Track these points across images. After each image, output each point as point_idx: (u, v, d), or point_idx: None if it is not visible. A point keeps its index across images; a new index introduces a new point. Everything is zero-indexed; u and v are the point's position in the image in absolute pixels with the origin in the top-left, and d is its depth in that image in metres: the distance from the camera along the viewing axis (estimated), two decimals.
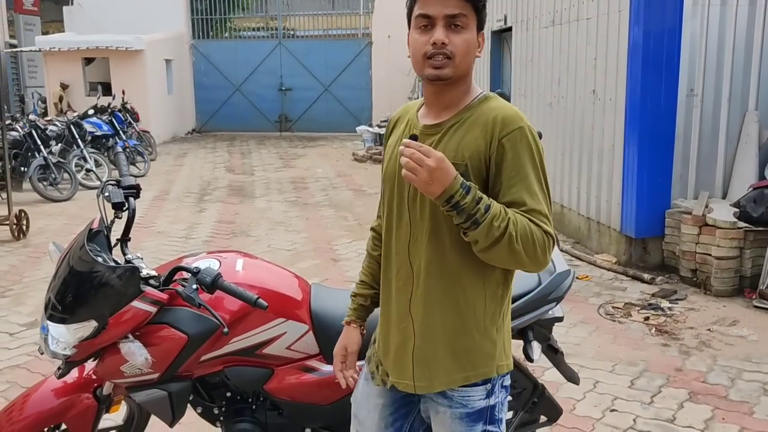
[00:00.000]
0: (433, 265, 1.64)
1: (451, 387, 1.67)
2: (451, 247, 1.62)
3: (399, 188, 1.69)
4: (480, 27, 1.64)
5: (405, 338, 1.71)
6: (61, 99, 15.07)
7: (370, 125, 15.80)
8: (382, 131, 15.20)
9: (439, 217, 1.61)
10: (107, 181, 2.26)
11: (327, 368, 2.29)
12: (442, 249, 1.63)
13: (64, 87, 15.02)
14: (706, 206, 5.36)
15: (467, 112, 1.64)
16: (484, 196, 1.53)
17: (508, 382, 1.75)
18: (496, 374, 1.69)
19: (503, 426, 1.76)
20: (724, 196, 5.72)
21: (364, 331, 1.94)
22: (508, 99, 5.39)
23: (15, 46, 17.83)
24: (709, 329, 4.49)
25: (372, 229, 1.98)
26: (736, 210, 5.07)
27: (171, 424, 2.25)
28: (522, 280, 2.43)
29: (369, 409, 1.85)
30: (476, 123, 1.61)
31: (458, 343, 1.66)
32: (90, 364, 2.25)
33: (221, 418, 2.34)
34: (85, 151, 10.30)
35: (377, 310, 1.89)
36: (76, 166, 10.04)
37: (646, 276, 5.48)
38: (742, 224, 5.02)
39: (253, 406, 2.34)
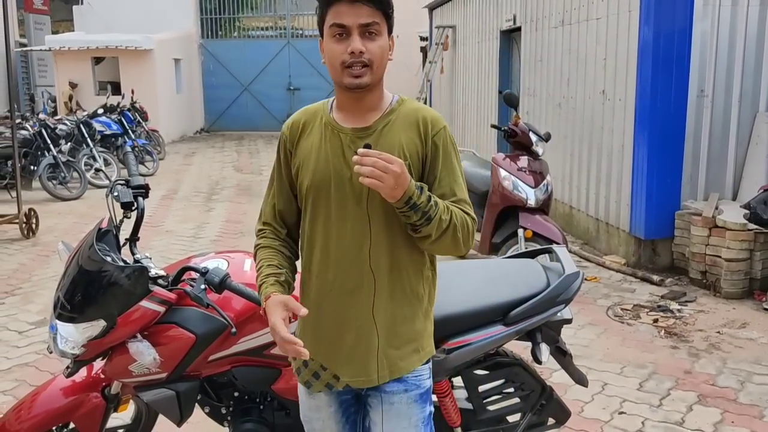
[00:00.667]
0: (386, 263, 1.72)
1: (411, 369, 1.77)
2: (401, 242, 1.72)
3: (340, 193, 1.70)
4: (389, 31, 1.71)
5: (359, 336, 1.74)
6: (70, 98, 15.14)
7: None
8: None
9: (390, 216, 1.69)
10: (116, 180, 2.27)
11: None
12: (393, 245, 1.72)
13: (72, 86, 15.09)
14: (716, 208, 5.32)
15: (392, 114, 1.74)
16: (430, 193, 1.65)
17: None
18: (434, 351, 1.86)
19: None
20: (734, 198, 5.68)
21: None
22: (516, 100, 5.37)
23: (25, 45, 17.93)
24: (718, 332, 4.46)
25: (261, 229, 1.90)
26: (747, 212, 5.03)
27: (179, 424, 2.25)
28: (531, 282, 2.42)
29: (323, 419, 1.87)
30: (405, 123, 1.72)
31: (411, 329, 1.77)
32: (98, 364, 2.26)
33: (229, 418, 2.34)
34: (94, 150, 10.35)
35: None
36: (85, 165, 10.09)
37: (656, 278, 5.45)
38: (752, 226, 4.98)
39: (261, 406, 2.34)
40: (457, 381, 2.47)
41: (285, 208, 1.86)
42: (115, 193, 2.21)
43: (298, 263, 1.88)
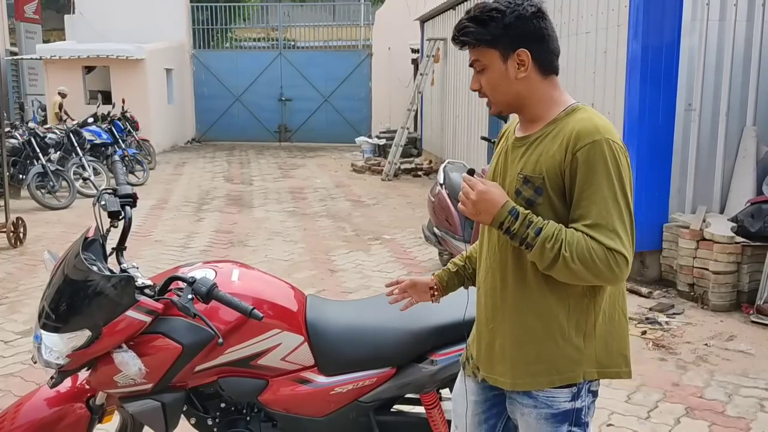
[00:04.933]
0: (517, 275, 1.72)
1: (536, 389, 1.74)
2: (530, 263, 1.69)
3: None
4: (507, 51, 1.67)
5: (493, 338, 1.80)
6: (60, 107, 15.05)
7: (369, 136, 15.84)
8: (381, 142, 15.20)
9: None
10: (103, 189, 2.26)
11: (322, 380, 2.29)
12: (524, 261, 1.69)
13: (63, 96, 14.92)
14: (704, 221, 5.36)
15: (552, 126, 1.70)
16: (537, 219, 1.61)
17: (596, 387, 1.80)
18: (582, 380, 1.74)
19: (590, 430, 1.82)
20: (721, 211, 5.72)
21: (436, 293, 2.05)
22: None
23: (16, 54, 17.87)
24: (706, 344, 4.48)
25: None
26: (734, 225, 5.07)
27: None
28: None
29: (462, 404, 1.94)
30: (558, 136, 1.66)
31: (542, 348, 1.72)
32: (83, 374, 2.24)
33: (215, 430, 2.33)
34: (83, 160, 10.30)
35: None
36: (74, 174, 10.03)
37: (644, 290, 5.47)
38: (739, 239, 5.02)
39: (248, 418, 2.33)
40: (446, 393, 2.46)
41: None
42: (102, 202, 2.20)
43: None
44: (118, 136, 11.93)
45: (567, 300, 1.69)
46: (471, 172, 1.70)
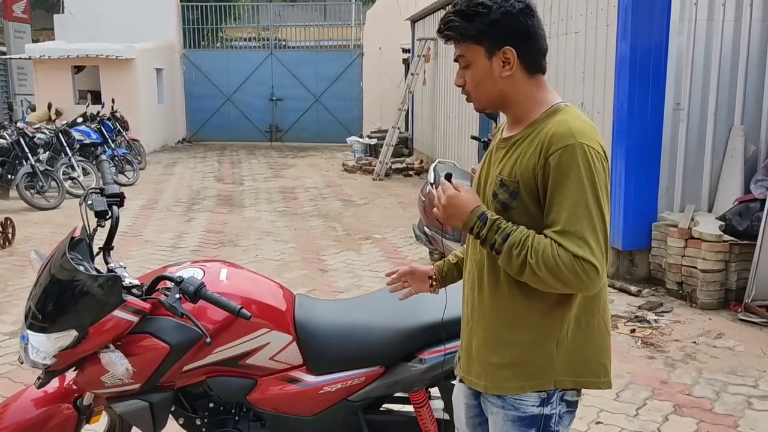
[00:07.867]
0: (491, 277, 1.70)
1: (506, 393, 1.71)
2: None
3: None
4: (493, 49, 1.64)
5: (470, 338, 1.79)
6: (49, 107, 14.89)
7: (361, 136, 15.84)
8: (372, 142, 15.18)
9: None
10: (90, 189, 2.25)
11: (310, 379, 2.29)
12: (498, 266, 1.67)
13: (58, 114, 14.50)
14: (692, 219, 5.39)
15: (532, 128, 1.65)
16: (506, 224, 1.59)
17: (573, 397, 1.73)
18: (553, 387, 1.68)
19: None
20: (709, 210, 5.75)
21: (435, 283, 2.02)
22: (496, 112, 5.43)
23: (4, 54, 17.75)
24: (694, 342, 4.51)
25: None
26: (722, 223, 5.10)
27: None
28: None
29: (459, 407, 1.93)
30: (536, 139, 1.61)
31: (513, 353, 1.69)
32: (71, 374, 2.23)
33: (203, 430, 2.32)
34: (73, 160, 10.23)
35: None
36: (63, 174, 9.97)
37: (633, 288, 5.50)
38: (727, 237, 5.05)
39: (236, 417, 2.33)
40: (435, 392, 2.47)
41: None
42: (89, 202, 2.19)
43: None
44: (107, 136, 11.87)
45: (540, 306, 1.65)
46: (448, 176, 1.69)
